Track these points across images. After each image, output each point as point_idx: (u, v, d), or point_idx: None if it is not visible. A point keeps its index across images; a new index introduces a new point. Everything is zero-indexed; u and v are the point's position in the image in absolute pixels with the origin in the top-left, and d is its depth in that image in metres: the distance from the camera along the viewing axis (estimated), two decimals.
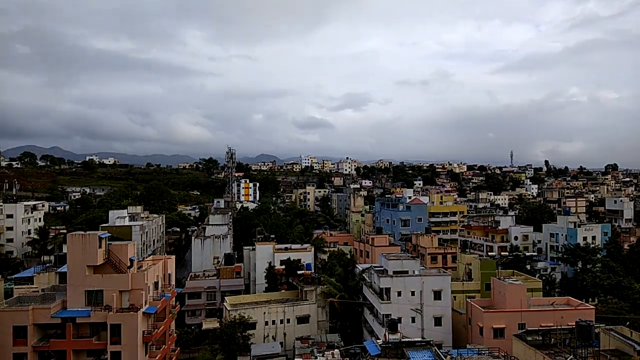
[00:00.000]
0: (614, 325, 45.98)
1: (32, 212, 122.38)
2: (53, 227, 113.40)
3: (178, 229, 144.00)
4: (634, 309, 70.08)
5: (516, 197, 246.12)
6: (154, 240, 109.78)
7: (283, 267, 76.23)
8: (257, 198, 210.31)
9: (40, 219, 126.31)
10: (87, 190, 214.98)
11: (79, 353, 47.46)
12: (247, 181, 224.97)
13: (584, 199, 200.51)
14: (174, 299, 59.71)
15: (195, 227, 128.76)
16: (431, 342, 46.33)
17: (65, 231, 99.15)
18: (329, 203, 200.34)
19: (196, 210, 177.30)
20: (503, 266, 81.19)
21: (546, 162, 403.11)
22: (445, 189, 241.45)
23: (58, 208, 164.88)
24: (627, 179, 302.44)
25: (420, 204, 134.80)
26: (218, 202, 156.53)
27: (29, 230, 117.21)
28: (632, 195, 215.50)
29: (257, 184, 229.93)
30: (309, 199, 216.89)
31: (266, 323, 62.81)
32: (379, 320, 56.58)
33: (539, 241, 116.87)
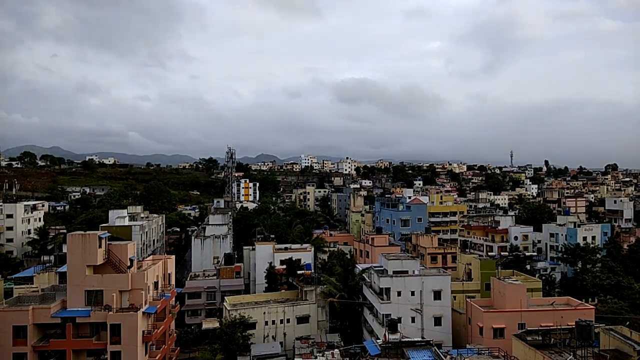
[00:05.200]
0: (613, 325, 45.99)
1: (32, 212, 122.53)
2: (53, 227, 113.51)
3: (178, 229, 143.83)
4: (633, 309, 70.00)
5: (516, 197, 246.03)
6: (154, 240, 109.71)
7: (283, 267, 76.23)
8: (257, 198, 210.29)
9: (40, 218, 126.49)
10: (87, 190, 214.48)
11: (78, 353, 47.56)
12: (247, 181, 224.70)
13: (584, 199, 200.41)
14: (174, 298, 59.82)
15: (195, 227, 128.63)
16: (431, 342, 46.42)
17: (65, 231, 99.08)
18: (329, 203, 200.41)
19: (196, 210, 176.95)
20: (503, 266, 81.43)
21: (546, 162, 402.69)
22: (445, 189, 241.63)
23: (58, 208, 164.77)
24: (627, 179, 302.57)
25: (420, 204, 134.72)
26: (218, 202, 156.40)
27: (29, 230, 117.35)
28: (631, 195, 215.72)
29: (257, 184, 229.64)
30: (309, 199, 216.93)
31: (266, 323, 62.85)
32: (379, 320, 56.59)
33: (539, 241, 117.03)
